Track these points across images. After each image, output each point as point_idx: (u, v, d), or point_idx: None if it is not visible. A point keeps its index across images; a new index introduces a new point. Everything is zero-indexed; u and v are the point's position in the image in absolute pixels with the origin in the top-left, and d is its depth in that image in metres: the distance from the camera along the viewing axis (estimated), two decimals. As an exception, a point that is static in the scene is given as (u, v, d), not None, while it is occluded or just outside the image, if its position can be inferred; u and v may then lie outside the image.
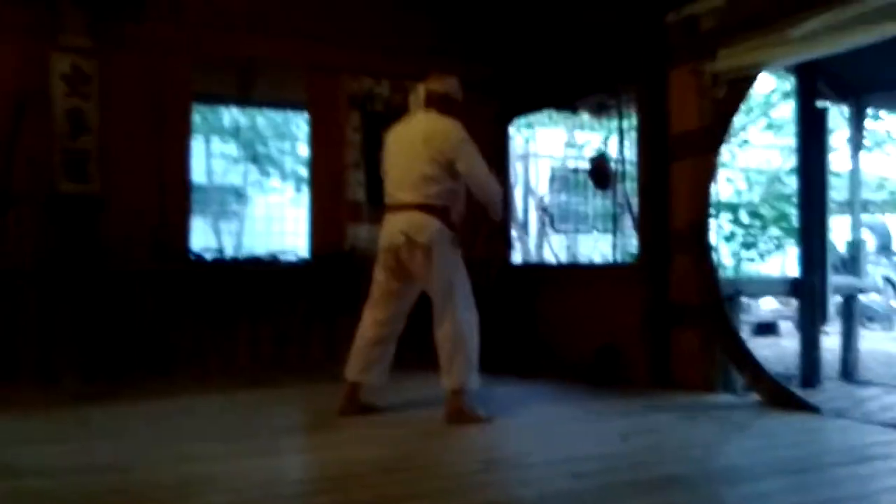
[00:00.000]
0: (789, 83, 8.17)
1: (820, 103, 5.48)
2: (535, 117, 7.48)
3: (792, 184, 8.25)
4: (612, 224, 5.70)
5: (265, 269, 5.45)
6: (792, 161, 8.15)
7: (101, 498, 2.47)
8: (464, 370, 3.61)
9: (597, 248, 8.28)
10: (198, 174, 7.95)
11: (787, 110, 9.64)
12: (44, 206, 4.73)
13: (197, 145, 6.62)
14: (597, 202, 8.00)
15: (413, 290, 3.78)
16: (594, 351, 4.90)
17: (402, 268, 3.67)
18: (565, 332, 5.44)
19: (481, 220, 3.68)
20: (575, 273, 6.22)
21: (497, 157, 6.16)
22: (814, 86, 5.39)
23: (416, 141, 3.64)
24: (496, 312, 5.68)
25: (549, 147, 10.70)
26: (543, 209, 9.67)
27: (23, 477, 2.68)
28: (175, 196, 5.17)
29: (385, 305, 3.76)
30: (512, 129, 6.70)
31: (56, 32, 4.74)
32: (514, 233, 7.52)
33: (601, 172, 4.17)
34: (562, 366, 5.17)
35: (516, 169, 9.67)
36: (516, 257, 7.85)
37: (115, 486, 2.59)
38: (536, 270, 6.88)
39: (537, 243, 9.66)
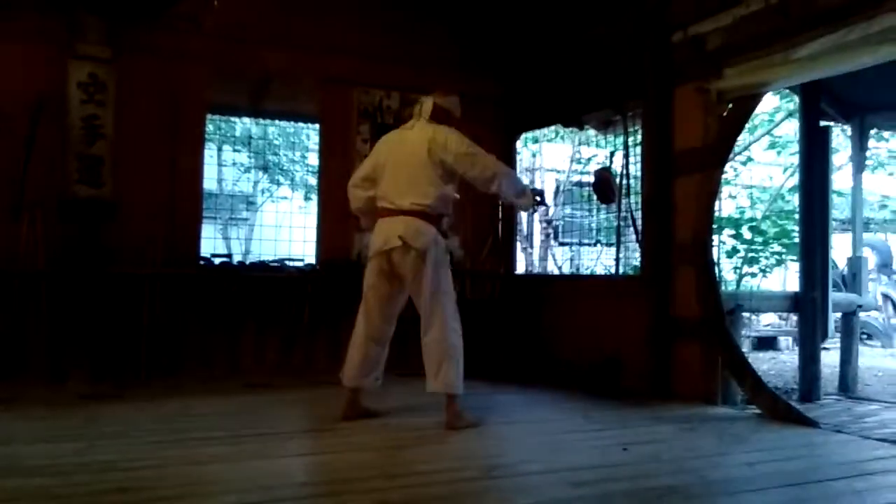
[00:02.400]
0: (793, 102, 8.23)
1: (823, 123, 5.53)
2: (541, 132, 7.54)
3: (794, 201, 8.30)
4: (616, 238, 5.74)
5: (273, 275, 5.51)
6: (794, 179, 8.20)
7: (106, 497, 2.50)
8: (456, 376, 3.67)
9: (600, 261, 8.32)
10: (209, 182, 8.02)
11: (790, 129, 9.70)
12: (57, 210, 4.81)
13: (209, 153, 6.69)
14: (601, 216, 8.04)
15: (403, 294, 3.85)
16: (598, 361, 4.94)
17: (394, 272, 3.75)
18: (568, 342, 5.48)
19: (487, 232, 3.74)
20: (579, 285, 6.27)
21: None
22: (817, 105, 5.44)
23: (419, 150, 3.72)
24: (500, 322, 5.76)
25: (554, 161, 10.76)
26: (548, 222, 9.73)
27: (30, 475, 2.71)
28: (187, 202, 5.26)
29: (379, 310, 3.83)
30: (519, 144, 6.77)
31: (74, 41, 4.83)
32: (518, 244, 7.57)
33: (605, 187, 4.22)
34: (564, 375, 5.21)
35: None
36: (520, 268, 7.90)
37: (121, 485, 2.61)
38: (540, 281, 6.93)
39: (541, 255, 9.71)
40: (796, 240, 6.16)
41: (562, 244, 9.95)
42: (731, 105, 4.36)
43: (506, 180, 3.88)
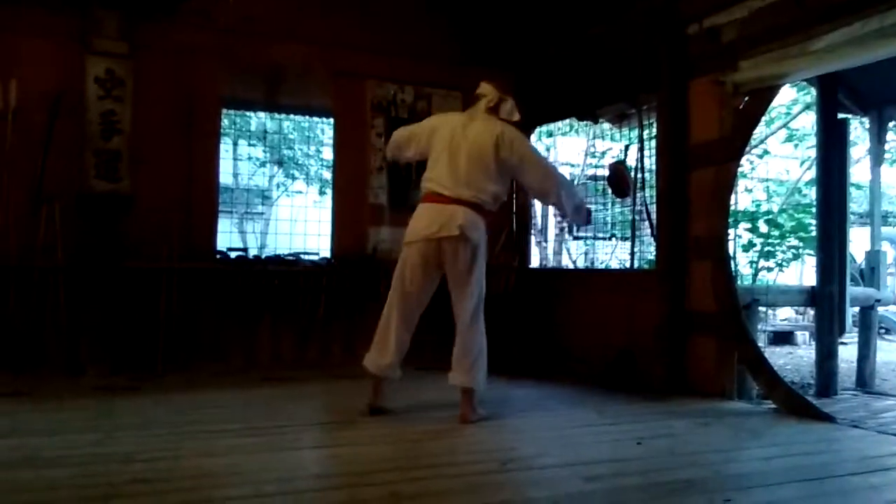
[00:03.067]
0: (810, 95, 8.17)
1: (841, 115, 5.49)
2: (555, 126, 7.52)
3: (811, 195, 8.24)
4: (631, 231, 5.72)
5: (288, 269, 5.54)
6: (812, 172, 8.13)
7: (124, 487, 2.52)
8: (483, 372, 3.69)
9: (615, 255, 8.30)
10: (225, 176, 8.09)
11: (807, 121, 9.62)
12: (75, 204, 4.86)
13: (225, 148, 6.73)
14: (615, 210, 8.01)
15: (437, 283, 3.76)
16: (612, 356, 4.94)
17: (439, 260, 3.65)
18: (583, 336, 5.47)
19: (501, 225, 3.73)
20: (593, 278, 6.26)
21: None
22: (835, 98, 5.40)
23: (484, 143, 3.65)
24: (515, 316, 5.76)
25: (568, 155, 10.73)
26: (563, 216, 9.71)
27: (48, 466, 2.75)
28: (203, 196, 5.30)
29: (417, 296, 3.71)
30: (533, 138, 6.75)
31: (91, 36, 4.86)
32: (532, 238, 7.57)
33: (620, 180, 4.20)
34: (578, 369, 5.21)
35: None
36: (534, 262, 7.90)
37: (138, 476, 2.64)
38: (555, 275, 6.92)
39: (556, 249, 9.70)
40: (813, 234, 6.12)
41: (576, 238, 9.94)
42: (747, 98, 4.32)
43: (565, 193, 3.86)
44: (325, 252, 5.85)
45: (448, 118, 3.88)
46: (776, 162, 11.34)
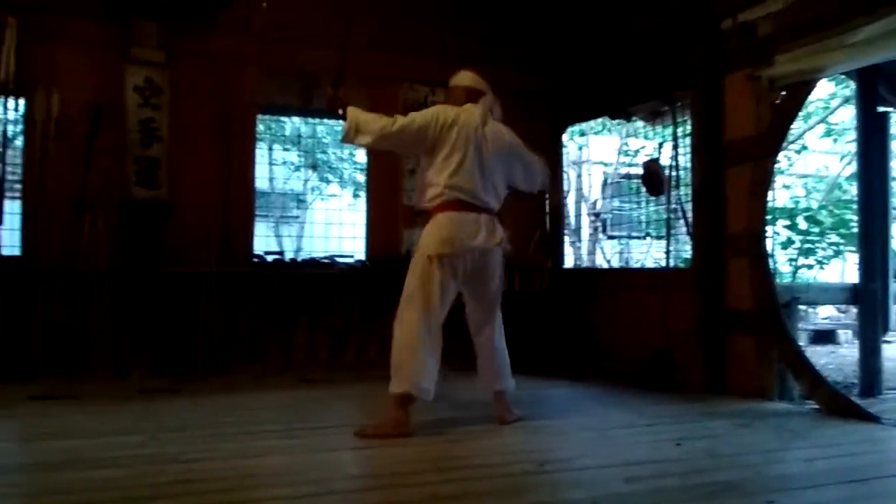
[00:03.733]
0: (849, 88, 8.01)
1: (881, 108, 5.37)
2: (588, 125, 7.49)
3: (852, 190, 8.08)
4: (666, 230, 5.66)
5: (324, 272, 5.59)
6: (852, 167, 7.97)
7: (166, 488, 2.56)
8: (510, 372, 3.72)
9: (649, 254, 8.23)
10: (261, 180, 8.19)
11: (847, 115, 9.43)
12: (117, 211, 4.97)
13: (260, 153, 6.82)
14: (650, 208, 7.95)
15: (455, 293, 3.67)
16: (649, 356, 4.90)
17: (474, 270, 3.57)
18: (618, 336, 5.44)
19: (534, 225, 3.73)
20: (629, 278, 6.21)
21: (551, 163, 6.24)
22: (875, 90, 5.28)
23: (501, 150, 3.64)
24: (549, 316, 5.74)
25: (602, 153, 10.66)
26: (596, 215, 9.66)
27: (94, 467, 2.80)
28: (240, 201, 5.39)
29: (446, 307, 3.55)
30: (565, 137, 6.73)
31: (129, 46, 4.97)
32: (566, 238, 7.54)
33: (654, 178, 4.16)
34: (614, 370, 5.17)
35: (569, 175, 9.68)
36: (569, 262, 7.87)
37: (180, 477, 2.68)
38: (590, 275, 6.88)
39: (590, 249, 9.64)
40: (855, 230, 6.00)
41: (610, 237, 9.87)
42: (783, 92, 4.26)
43: (548, 178, 3.97)
44: (360, 254, 5.89)
45: (463, 117, 3.58)
46: (815, 157, 11.15)
